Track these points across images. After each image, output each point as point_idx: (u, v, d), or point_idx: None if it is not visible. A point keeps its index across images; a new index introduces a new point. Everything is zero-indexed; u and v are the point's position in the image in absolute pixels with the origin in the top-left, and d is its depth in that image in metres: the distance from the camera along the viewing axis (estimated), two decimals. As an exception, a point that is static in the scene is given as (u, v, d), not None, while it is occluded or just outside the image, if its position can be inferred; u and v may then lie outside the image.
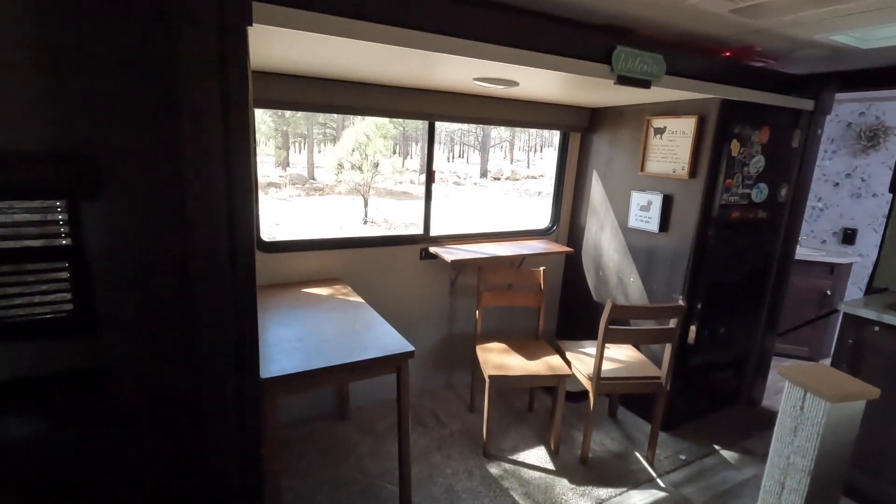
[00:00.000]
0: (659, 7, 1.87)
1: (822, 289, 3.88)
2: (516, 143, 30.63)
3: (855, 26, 1.96)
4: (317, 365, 1.71)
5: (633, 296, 3.01)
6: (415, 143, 24.41)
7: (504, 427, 2.87)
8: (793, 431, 1.67)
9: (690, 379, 2.90)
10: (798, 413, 1.66)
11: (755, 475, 2.55)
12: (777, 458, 1.73)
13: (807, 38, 2.17)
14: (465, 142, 29.48)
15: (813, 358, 4.00)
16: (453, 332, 3.24)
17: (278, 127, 19.07)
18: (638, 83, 2.06)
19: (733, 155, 2.52)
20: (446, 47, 1.65)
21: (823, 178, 4.19)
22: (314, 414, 2.87)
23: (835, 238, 4.18)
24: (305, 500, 2.21)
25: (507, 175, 24.21)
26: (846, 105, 4.02)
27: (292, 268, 2.63)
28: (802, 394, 1.64)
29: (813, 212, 4.27)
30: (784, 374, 1.70)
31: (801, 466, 1.65)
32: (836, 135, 4.11)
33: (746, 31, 2.13)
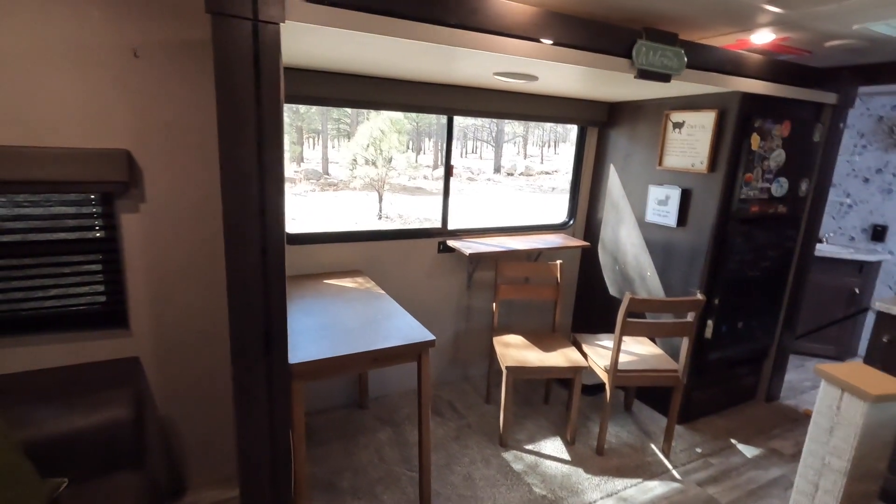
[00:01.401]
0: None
1: (851, 287, 3.81)
2: (530, 138, 30.45)
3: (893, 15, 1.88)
4: (341, 352, 1.76)
5: (651, 290, 3.02)
6: (428, 138, 24.41)
7: (520, 419, 2.91)
8: (829, 431, 1.63)
9: (708, 374, 2.91)
10: (835, 413, 1.62)
11: (770, 469, 2.57)
12: (811, 458, 1.69)
13: (844, 29, 2.11)
14: (478, 137, 29.40)
15: (840, 357, 3.94)
16: (470, 325, 3.29)
17: (293, 122, 19.24)
18: (658, 77, 2.07)
19: (753, 149, 2.52)
20: (472, 42, 1.68)
21: (853, 174, 4.10)
22: (335, 404, 2.94)
23: (864, 235, 4.08)
24: (327, 485, 2.27)
25: (521, 171, 24.12)
26: (877, 98, 3.92)
27: (315, 259, 2.70)
28: (839, 393, 1.60)
29: (841, 208, 4.19)
30: (819, 374, 1.66)
31: (838, 467, 1.61)
32: (866, 129, 4.01)
33: (781, 22, 2.07)
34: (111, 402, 1.68)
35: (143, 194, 1.85)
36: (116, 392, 1.72)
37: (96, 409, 1.63)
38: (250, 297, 1.53)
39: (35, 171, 1.65)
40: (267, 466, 1.66)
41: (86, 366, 1.87)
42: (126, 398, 1.71)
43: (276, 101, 1.45)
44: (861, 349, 4.00)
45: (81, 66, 1.69)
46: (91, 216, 1.88)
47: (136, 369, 1.92)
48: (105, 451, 1.62)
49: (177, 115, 1.86)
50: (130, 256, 1.90)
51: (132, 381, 1.83)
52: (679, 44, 2.07)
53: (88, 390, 1.72)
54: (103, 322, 1.96)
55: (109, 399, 1.68)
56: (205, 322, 2.07)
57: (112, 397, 1.69)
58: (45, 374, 1.80)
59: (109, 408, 1.66)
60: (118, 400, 1.69)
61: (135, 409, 1.70)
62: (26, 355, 1.81)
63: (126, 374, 1.87)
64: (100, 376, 1.84)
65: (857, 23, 2.00)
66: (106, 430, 1.62)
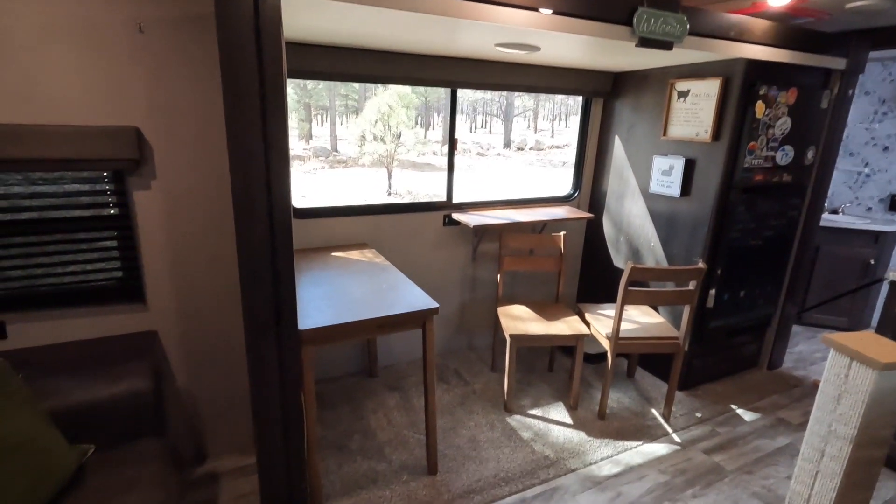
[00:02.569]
0: None
1: (866, 258, 3.76)
2: (540, 112, 29.97)
3: None
4: (348, 319, 1.84)
5: (654, 260, 3.06)
6: (437, 113, 24.15)
7: (525, 386, 3.01)
8: (836, 399, 1.65)
9: (710, 341, 2.96)
10: (843, 381, 1.63)
11: (777, 438, 2.63)
12: (818, 425, 1.71)
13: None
14: (487, 111, 29.01)
15: (852, 329, 3.93)
16: (476, 296, 3.36)
17: (301, 99, 19.14)
18: (660, 45, 2.06)
19: (758, 117, 2.50)
20: (472, 13, 1.69)
21: (872, 142, 3.99)
22: (346, 372, 3.05)
23: (881, 205, 4.00)
24: (337, 446, 2.40)
25: (531, 145, 23.84)
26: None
27: (322, 233, 2.77)
28: (848, 362, 1.61)
29: (858, 178, 4.10)
30: (828, 343, 1.67)
31: (844, 434, 1.63)
32: (887, 95, 3.87)
33: None
34: (131, 373, 1.76)
35: (154, 171, 1.91)
36: (135, 364, 1.81)
37: (117, 380, 1.72)
38: (260, 268, 1.60)
39: (47, 149, 1.70)
40: (280, 427, 1.77)
41: (105, 339, 1.96)
42: (145, 370, 1.80)
43: (278, 76, 1.49)
44: (874, 321, 3.98)
45: (88, 44, 1.72)
46: (104, 193, 1.95)
47: (154, 342, 2.02)
48: (128, 419, 1.71)
49: (183, 90, 1.89)
50: (144, 232, 1.97)
51: (150, 354, 1.92)
52: (681, 10, 2.05)
53: (109, 362, 1.81)
54: (121, 297, 2.04)
55: (129, 371, 1.77)
56: (218, 295, 2.15)
57: (131, 369, 1.78)
58: (68, 347, 1.89)
59: (130, 379, 1.74)
60: (137, 371, 1.78)
61: (153, 380, 1.79)
62: (48, 329, 1.89)
63: (144, 347, 1.96)
64: (119, 349, 1.93)
65: None
66: (127, 400, 1.70)
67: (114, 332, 1.98)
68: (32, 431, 1.42)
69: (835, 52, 2.63)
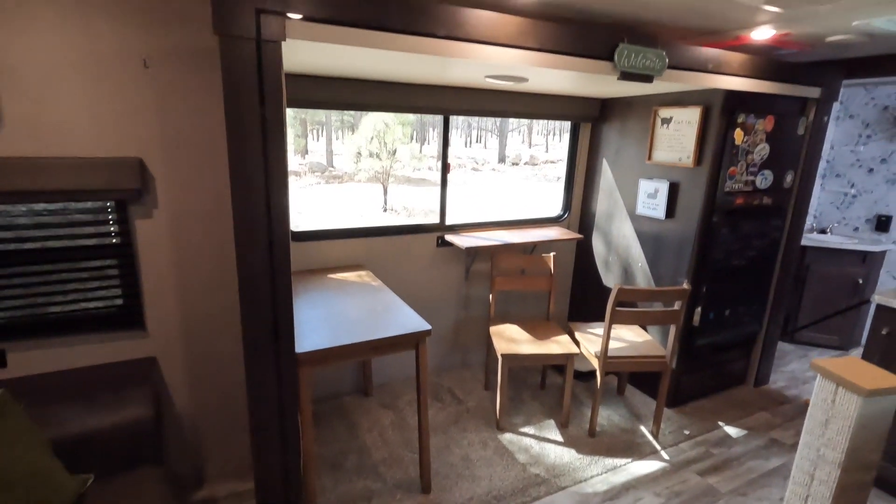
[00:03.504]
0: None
1: (854, 277, 3.84)
2: (534, 127, 30.34)
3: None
4: (344, 341, 1.91)
5: (641, 280, 3.14)
6: (432, 128, 24.42)
7: (517, 404, 3.06)
8: (824, 424, 1.68)
9: (697, 359, 3.03)
10: (829, 406, 1.66)
11: (771, 459, 2.68)
12: (807, 449, 1.74)
13: (844, 25, 2.16)
14: (482, 127, 29.36)
15: (843, 347, 4.00)
16: (469, 315, 3.43)
17: (297, 115, 19.32)
18: (640, 78, 2.17)
19: (737, 143, 2.62)
20: (461, 52, 1.80)
21: (857, 164, 4.11)
22: (341, 391, 3.10)
23: (868, 225, 4.10)
24: (332, 465, 2.44)
25: (526, 160, 24.10)
26: (882, 88, 3.92)
27: (318, 255, 2.84)
28: (834, 387, 1.64)
29: (845, 198, 4.20)
30: (815, 369, 1.70)
31: (832, 459, 1.65)
32: (871, 119, 4.01)
33: (780, 20, 2.12)
34: (131, 401, 1.79)
35: (156, 200, 1.97)
36: (135, 391, 1.83)
37: (117, 408, 1.74)
38: (259, 293, 1.68)
39: (52, 180, 1.74)
40: (277, 446, 1.82)
41: (105, 366, 1.97)
42: (145, 397, 1.82)
43: (278, 112, 1.58)
44: (864, 339, 4.03)
45: (93, 78, 1.79)
46: (107, 222, 1.99)
47: (154, 369, 2.04)
48: (127, 447, 1.72)
49: (186, 122, 1.97)
50: (145, 260, 2.01)
51: (150, 381, 1.95)
52: (660, 45, 2.17)
53: (109, 390, 1.82)
54: (121, 324, 2.06)
55: (129, 398, 1.79)
56: (217, 321, 2.19)
57: (132, 396, 1.80)
58: (68, 375, 1.90)
59: (129, 406, 1.76)
60: (137, 399, 1.80)
61: (153, 407, 1.81)
62: (49, 357, 1.91)
63: (144, 374, 1.98)
64: (119, 376, 1.94)
65: (857, 19, 2.05)
66: (127, 428, 1.72)
67: (114, 358, 2.01)
68: (33, 463, 1.43)
69: (810, 82, 2.76)
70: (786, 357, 3.87)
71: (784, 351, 3.96)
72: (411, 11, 1.69)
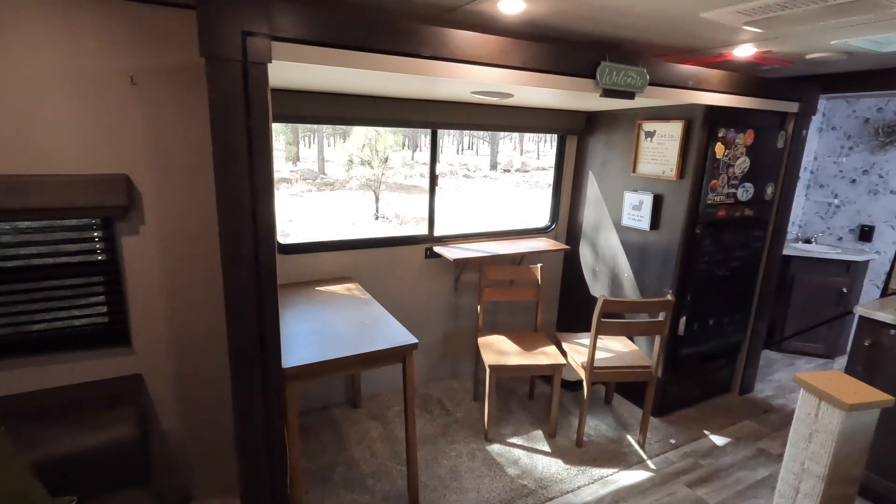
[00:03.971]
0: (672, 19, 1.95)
1: (839, 286, 3.89)
2: (526, 134, 30.52)
3: (873, 32, 1.99)
4: (331, 356, 1.92)
5: (627, 290, 3.18)
6: (424, 136, 24.42)
7: (506, 414, 3.08)
8: (808, 438, 1.70)
9: (682, 368, 3.07)
10: (813, 420, 1.68)
11: (758, 469, 2.70)
12: (792, 463, 1.76)
13: (822, 44, 2.24)
14: (474, 134, 29.48)
15: (829, 355, 4.06)
16: (458, 326, 3.45)
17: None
18: (622, 95, 2.22)
19: (718, 157, 2.67)
20: (445, 72, 1.84)
21: (840, 175, 4.18)
22: (329, 403, 3.10)
23: (851, 235, 4.16)
24: (321, 478, 2.44)
25: (518, 167, 24.25)
26: (863, 101, 3.99)
27: (306, 268, 2.85)
28: (817, 402, 1.67)
29: (829, 208, 4.28)
30: (798, 383, 1.73)
31: (816, 472, 1.67)
32: (853, 131, 4.09)
33: (761, 39, 2.18)
34: (116, 420, 1.75)
35: (143, 216, 1.98)
36: (121, 410, 1.80)
37: (102, 427, 1.71)
38: (246, 308, 1.69)
39: (36, 199, 1.73)
40: (264, 461, 1.82)
41: (90, 384, 1.95)
42: (130, 416, 1.79)
43: (264, 130, 1.61)
44: (849, 347, 4.07)
45: (80, 95, 1.80)
46: (92, 240, 1.97)
47: (140, 386, 2.02)
48: (112, 468, 1.69)
49: (174, 138, 1.99)
50: (131, 277, 2.01)
51: (135, 399, 1.92)
52: (642, 63, 2.22)
53: (93, 409, 1.79)
54: (106, 341, 2.05)
55: (114, 417, 1.76)
56: (205, 338, 2.19)
57: (116, 415, 1.77)
58: (51, 394, 1.88)
59: (114, 426, 1.73)
60: (122, 418, 1.77)
61: (139, 425, 1.78)
62: (32, 375, 1.90)
63: (129, 392, 1.95)
64: (104, 394, 1.91)
65: (834, 38, 2.13)
66: (112, 448, 1.69)
67: (99, 376, 2.00)
68: (14, 486, 1.41)
69: (787, 97, 2.83)
70: (773, 366, 3.92)
71: (771, 360, 4.02)
72: (396, 33, 1.72)
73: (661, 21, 1.98)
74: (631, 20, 2.00)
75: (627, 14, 1.92)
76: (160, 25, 1.87)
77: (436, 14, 2.03)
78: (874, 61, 2.60)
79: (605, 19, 2.00)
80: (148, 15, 1.84)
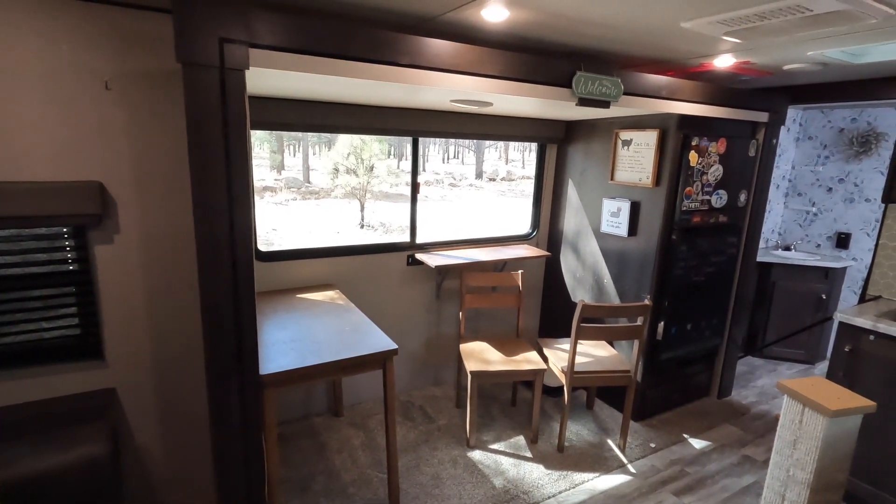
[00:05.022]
0: (653, 30, 1.99)
1: (818, 293, 3.97)
2: (511, 143, 30.82)
3: (847, 44, 2.05)
4: (310, 362, 1.91)
5: (607, 296, 3.23)
6: (409, 143, 24.55)
7: (488, 421, 3.08)
8: (792, 444, 1.71)
9: (661, 373, 3.12)
10: (797, 427, 1.70)
11: (744, 476, 2.72)
12: (777, 470, 1.77)
13: (799, 55, 2.30)
14: (459, 143, 29.68)
15: (810, 361, 4.12)
16: (441, 333, 3.45)
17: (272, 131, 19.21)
18: (598, 104, 2.27)
19: (692, 165, 2.74)
20: (423, 80, 1.86)
21: (817, 183, 4.28)
22: (310, 412, 3.07)
23: (829, 242, 4.25)
24: (301, 488, 2.41)
25: (503, 176, 24.45)
26: (838, 111, 4.09)
27: (287, 275, 2.83)
28: (801, 408, 1.68)
29: (807, 216, 4.37)
30: (783, 390, 1.75)
31: (801, 479, 1.68)
32: (829, 140, 4.19)
33: (740, 50, 2.24)
34: (87, 437, 1.68)
35: (118, 225, 1.93)
36: (92, 426, 1.73)
37: (71, 445, 1.63)
38: (222, 314, 1.68)
39: (3, 206, 1.67)
40: (241, 470, 1.80)
41: (60, 399, 1.87)
42: (102, 432, 1.72)
43: (242, 136, 1.61)
44: (829, 352, 4.09)
45: (52, 100, 1.75)
46: (63, 249, 1.90)
47: (113, 401, 1.94)
48: (81, 487, 1.62)
49: (149, 145, 1.94)
50: (105, 287, 1.95)
51: (108, 414, 1.85)
52: (616, 73, 2.28)
53: (63, 425, 1.72)
54: (78, 354, 1.97)
55: (85, 434, 1.69)
56: (181, 350, 2.13)
57: (88, 432, 1.70)
58: (18, 410, 1.79)
59: (85, 443, 1.66)
60: (94, 435, 1.70)
61: (111, 442, 1.71)
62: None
63: (102, 407, 1.87)
64: (75, 410, 1.83)
65: (811, 50, 2.19)
66: (82, 467, 1.62)
67: (69, 391, 1.92)
68: None
69: (758, 107, 2.92)
70: (756, 372, 3.96)
71: (753, 366, 4.08)
72: (374, 41, 1.75)
73: (642, 32, 2.02)
74: (613, 32, 2.05)
75: (611, 26, 1.96)
76: (136, 30, 1.84)
77: (414, 24, 2.06)
78: (845, 73, 2.70)
79: (588, 32, 2.05)
80: (124, 18, 1.81)
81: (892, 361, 2.22)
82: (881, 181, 3.87)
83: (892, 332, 2.20)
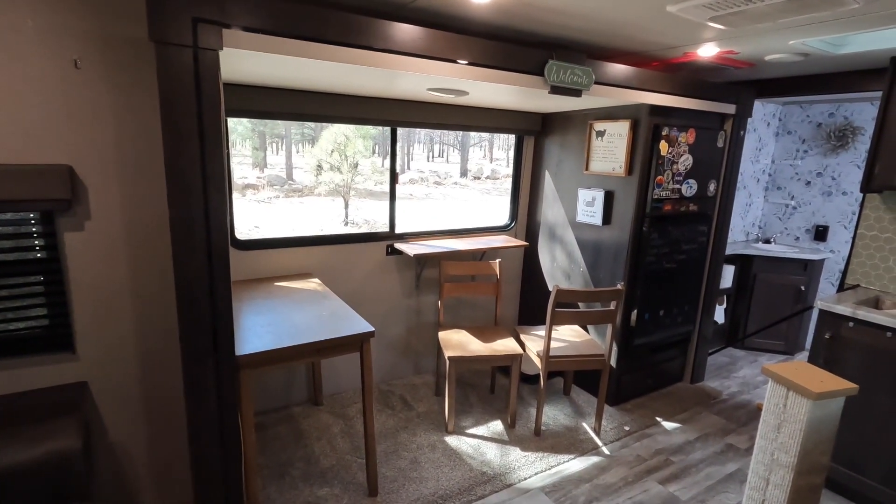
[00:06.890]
0: (640, 16, 2.01)
1: (797, 285, 4.07)
2: (495, 141, 30.98)
3: (829, 32, 2.08)
4: (286, 343, 1.93)
5: (583, 284, 3.30)
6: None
7: (467, 407, 3.13)
8: (776, 429, 1.72)
9: (636, 359, 3.20)
10: (781, 411, 1.71)
11: (727, 464, 2.79)
12: (762, 454, 1.79)
13: (781, 45, 2.34)
14: (444, 141, 29.72)
15: (789, 352, 4.22)
16: (420, 323, 3.48)
17: (255, 127, 19.01)
18: (569, 92, 2.33)
19: (663, 154, 2.82)
20: (397, 64, 1.89)
21: (796, 177, 4.39)
22: (290, 401, 3.08)
23: (808, 235, 4.34)
24: (279, 474, 2.42)
25: (487, 174, 24.55)
26: (816, 106, 4.19)
27: (266, 264, 2.84)
28: (785, 392, 1.70)
29: (786, 209, 4.48)
30: (767, 374, 1.76)
31: (785, 462, 1.70)
32: (807, 135, 4.28)
33: (724, 37, 2.26)
34: (56, 432, 1.61)
35: (88, 211, 1.84)
36: (61, 421, 1.66)
37: (39, 440, 1.57)
38: (198, 296, 1.69)
39: None
40: (217, 451, 1.81)
41: (28, 394, 1.80)
42: (72, 427, 1.65)
43: (216, 119, 1.62)
44: (808, 343, 4.25)
45: (17, 78, 1.65)
46: (30, 236, 1.81)
47: (84, 394, 1.87)
48: (51, 484, 1.56)
49: (122, 128, 1.86)
50: (75, 276, 1.86)
51: (79, 408, 1.77)
52: (587, 62, 2.34)
53: (31, 420, 1.65)
54: (46, 346, 1.89)
55: (54, 429, 1.62)
56: (157, 342, 2.05)
57: (57, 427, 1.63)
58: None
59: (54, 438, 1.59)
60: (64, 429, 1.63)
61: (82, 437, 1.64)
62: None
63: (72, 401, 1.80)
64: (44, 404, 1.76)
65: (793, 38, 2.23)
66: (51, 463, 1.55)
67: (38, 385, 1.84)
68: None
69: (725, 99, 3.02)
70: (737, 363, 4.05)
71: (735, 357, 4.17)
72: (349, 25, 1.77)
73: (631, 17, 2.01)
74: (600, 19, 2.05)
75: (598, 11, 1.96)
76: (108, 6, 1.74)
77: (390, 10, 2.09)
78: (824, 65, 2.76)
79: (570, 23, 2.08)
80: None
81: (870, 347, 2.27)
82: (858, 175, 3.98)
83: (870, 319, 2.25)
